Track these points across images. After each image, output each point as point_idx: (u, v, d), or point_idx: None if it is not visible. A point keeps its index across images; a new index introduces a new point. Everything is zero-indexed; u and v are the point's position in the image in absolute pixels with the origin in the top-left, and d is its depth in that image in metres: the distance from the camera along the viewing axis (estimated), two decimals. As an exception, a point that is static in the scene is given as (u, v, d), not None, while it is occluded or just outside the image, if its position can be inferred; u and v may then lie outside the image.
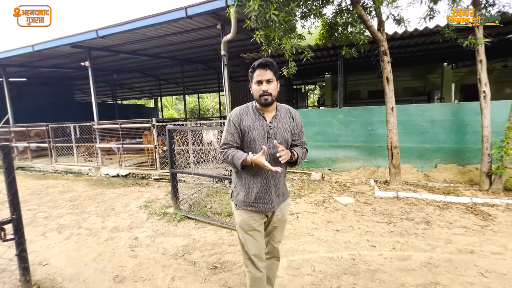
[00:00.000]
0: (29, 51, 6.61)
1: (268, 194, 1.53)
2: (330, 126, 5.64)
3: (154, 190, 5.03)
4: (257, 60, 1.49)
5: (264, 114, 1.52)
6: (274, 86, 1.48)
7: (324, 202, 3.98)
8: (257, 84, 1.47)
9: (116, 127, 6.50)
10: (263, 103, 1.47)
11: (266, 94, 1.44)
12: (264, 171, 1.49)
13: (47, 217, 3.86)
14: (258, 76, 1.46)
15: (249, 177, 1.53)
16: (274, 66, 1.47)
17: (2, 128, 8.77)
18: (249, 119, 1.51)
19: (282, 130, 1.52)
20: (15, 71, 10.51)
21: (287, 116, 1.58)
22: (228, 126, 1.54)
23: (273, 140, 1.47)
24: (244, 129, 1.50)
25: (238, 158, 1.45)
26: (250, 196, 1.53)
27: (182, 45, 8.00)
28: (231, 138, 1.52)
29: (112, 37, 6.13)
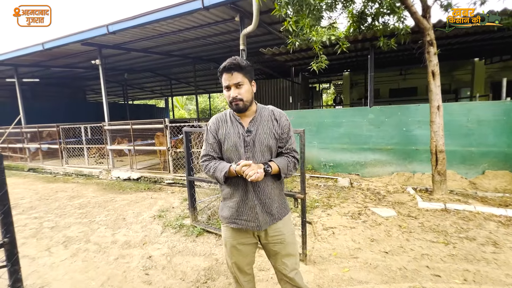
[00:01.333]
0: (39, 50, 6.39)
1: (251, 209, 1.35)
2: (359, 127, 5.12)
3: (167, 197, 4.65)
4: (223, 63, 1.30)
5: (240, 120, 1.37)
6: (245, 89, 1.30)
7: (361, 214, 3.49)
8: (226, 90, 1.33)
9: (128, 128, 6.19)
10: (235, 110, 1.34)
11: (236, 100, 1.29)
12: (244, 182, 1.33)
13: (53, 227, 3.53)
14: (225, 80, 1.31)
15: (229, 190, 1.40)
16: (243, 68, 1.29)
17: (14, 128, 8.65)
18: (225, 127, 1.38)
19: (262, 136, 1.34)
20: (28, 72, 10.44)
21: (270, 118, 1.39)
22: (206, 136, 1.43)
23: (251, 149, 1.33)
24: (221, 138, 1.37)
25: (220, 170, 1.31)
26: (232, 211, 1.39)
27: (195, 42, 7.63)
28: (210, 149, 1.40)
29: (123, 33, 5.81)
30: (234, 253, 1.43)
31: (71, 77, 12.68)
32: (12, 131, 8.73)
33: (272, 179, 1.38)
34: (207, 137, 1.42)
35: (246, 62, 1.32)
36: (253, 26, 4.24)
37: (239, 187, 1.36)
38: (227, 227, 1.44)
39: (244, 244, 1.42)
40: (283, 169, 1.34)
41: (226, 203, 1.43)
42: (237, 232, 1.41)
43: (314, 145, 5.44)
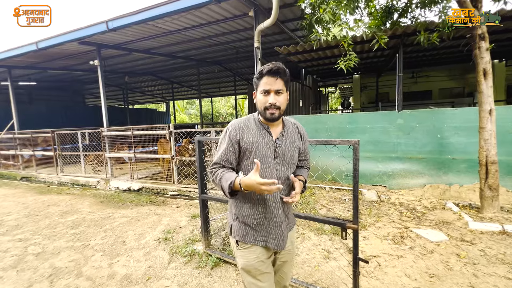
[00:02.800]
0: (33, 49, 5.90)
1: (279, 227, 1.28)
2: (386, 133, 4.61)
3: (173, 213, 4.10)
4: (266, 65, 1.22)
5: (269, 129, 1.28)
6: (283, 99, 1.24)
7: (404, 238, 2.95)
8: (263, 94, 1.23)
9: (128, 134, 5.67)
10: (269, 118, 1.23)
11: (273, 108, 1.21)
12: (271, 196, 1.24)
13: (40, 253, 2.98)
14: (266, 84, 1.21)
15: (251, 206, 1.27)
16: (287, 75, 1.23)
17: (6, 134, 8.12)
18: (251, 135, 1.26)
19: (290, 149, 1.30)
20: (24, 74, 9.95)
21: (295, 132, 1.36)
22: (223, 143, 1.28)
23: (280, 160, 1.26)
24: (246, 147, 1.25)
25: (226, 179, 1.18)
26: (257, 230, 1.27)
27: (200, 42, 7.17)
28: (225, 158, 1.26)
29: (124, 30, 5.33)
30: (266, 278, 1.27)
31: (70, 80, 12.20)
32: (4, 137, 8.20)
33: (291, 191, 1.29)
34: (225, 144, 1.26)
35: (288, 71, 1.23)
36: (272, 19, 3.76)
37: (265, 202, 1.24)
38: (248, 249, 1.27)
39: (267, 265, 1.30)
40: (306, 181, 1.39)
41: (248, 220, 1.28)
42: (261, 251, 1.28)
43: (333, 152, 4.91)
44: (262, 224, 1.26)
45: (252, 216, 1.26)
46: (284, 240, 1.28)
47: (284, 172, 1.26)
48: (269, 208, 1.24)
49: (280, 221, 1.27)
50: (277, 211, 1.26)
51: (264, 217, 1.25)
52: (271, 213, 1.25)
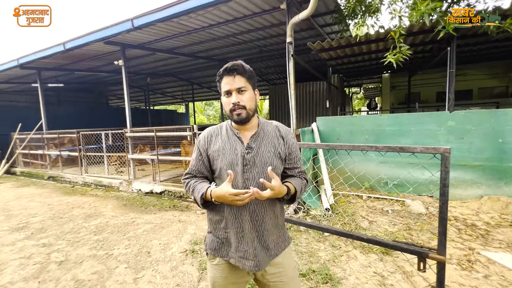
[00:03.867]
0: (60, 50, 5.93)
1: (247, 244, 1.12)
2: (433, 137, 4.10)
3: (198, 220, 3.84)
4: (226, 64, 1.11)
5: (240, 134, 1.15)
6: (248, 97, 1.11)
7: (472, 262, 2.48)
8: (226, 96, 1.11)
9: (151, 135, 5.53)
10: (237, 120, 1.11)
11: (237, 108, 1.09)
12: (237, 209, 1.11)
13: (62, 262, 2.80)
14: (225, 84, 1.10)
15: (218, 217, 1.16)
16: (247, 71, 1.11)
17: (35, 134, 8.34)
18: (218, 142, 1.16)
19: (265, 155, 1.13)
20: (52, 76, 10.25)
21: (275, 135, 1.18)
22: (194, 151, 1.22)
23: (251, 169, 1.11)
24: (213, 155, 1.15)
25: (198, 190, 1.11)
26: (223, 245, 1.16)
27: (223, 41, 6.96)
28: (195, 168, 1.20)
29: (148, 28, 5.19)
30: None
31: (94, 82, 12.49)
32: (34, 137, 8.43)
33: (272, 205, 1.16)
34: (194, 154, 1.23)
35: (249, 67, 1.14)
36: (310, 10, 3.39)
37: (232, 215, 1.13)
38: (222, 264, 1.18)
39: (237, 283, 1.19)
40: (300, 191, 1.17)
41: (218, 234, 1.18)
42: (230, 270, 1.17)
43: (372, 158, 4.46)
44: (235, 240, 1.14)
45: (222, 230, 1.16)
46: (254, 261, 1.11)
47: (256, 183, 1.10)
48: (236, 220, 1.12)
49: (251, 238, 1.12)
50: (246, 224, 1.12)
51: (237, 232, 1.13)
52: (247, 228, 1.12)
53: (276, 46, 8.09)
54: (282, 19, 5.57)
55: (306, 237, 3.12)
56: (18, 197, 5.69)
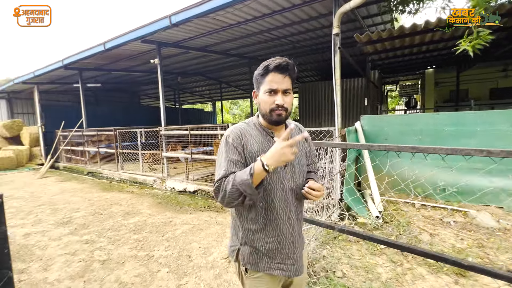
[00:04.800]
0: (101, 50, 6.12)
1: (296, 248, 1.09)
2: (505, 139, 3.54)
3: (236, 223, 3.67)
4: (271, 60, 1.06)
5: (274, 134, 1.10)
6: (290, 100, 1.08)
7: None
8: (268, 94, 1.04)
9: (185, 134, 5.49)
10: (276, 120, 1.06)
11: (280, 109, 1.04)
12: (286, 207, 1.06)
13: (105, 261, 2.77)
14: (272, 82, 1.03)
15: (256, 227, 1.06)
16: (295, 72, 1.07)
17: (77, 131, 8.80)
18: (255, 142, 1.07)
19: (299, 155, 1.14)
20: (91, 77, 10.79)
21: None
22: (227, 152, 1.05)
23: (289, 169, 1.09)
24: (251, 157, 1.04)
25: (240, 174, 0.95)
26: (271, 257, 1.07)
27: (256, 38, 6.79)
28: (234, 169, 1.01)
29: (185, 26, 5.14)
30: None
31: (129, 82, 12.99)
32: (75, 134, 8.90)
33: (302, 204, 1.18)
34: (228, 153, 1.03)
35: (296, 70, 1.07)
36: (366, -5, 3.04)
37: (278, 220, 1.05)
38: (260, 278, 1.07)
39: None
40: None
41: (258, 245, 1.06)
42: (270, 281, 1.09)
43: (427, 162, 3.97)
44: (276, 249, 1.07)
45: (263, 240, 1.07)
46: (302, 264, 1.12)
47: (296, 182, 1.10)
48: (283, 227, 1.07)
49: (296, 240, 1.10)
50: (293, 228, 1.09)
51: (277, 240, 1.07)
52: (286, 233, 1.07)
53: (310, 41, 7.74)
54: (322, 11, 5.23)
55: (358, 249, 2.80)
56: (62, 191, 5.96)
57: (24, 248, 3.15)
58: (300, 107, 11.82)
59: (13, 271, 2.76)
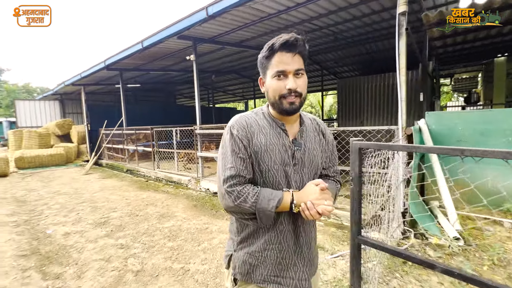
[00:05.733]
0: (139, 49, 6.14)
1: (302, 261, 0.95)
2: None
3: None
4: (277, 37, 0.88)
5: (285, 126, 0.94)
6: (304, 82, 0.90)
7: None
8: (277, 78, 0.87)
9: (219, 133, 5.21)
10: (288, 110, 0.88)
11: (293, 95, 0.87)
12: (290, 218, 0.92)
13: (139, 272, 2.53)
14: (280, 64, 0.86)
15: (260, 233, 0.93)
16: (307, 49, 0.90)
17: (117, 130, 9.13)
18: (263, 134, 0.91)
19: (312, 153, 0.97)
20: (131, 77, 11.20)
21: (316, 130, 1.02)
22: (232, 146, 0.90)
23: (300, 169, 0.93)
24: (256, 150, 0.90)
25: (268, 198, 0.84)
26: (258, 267, 0.93)
27: (294, 29, 6.23)
28: (242, 166, 0.88)
29: (222, 18, 4.84)
30: None
31: (165, 82, 13.31)
32: (116, 132, 9.25)
33: None
34: (234, 148, 0.89)
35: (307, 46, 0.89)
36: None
37: (283, 227, 0.91)
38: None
39: None
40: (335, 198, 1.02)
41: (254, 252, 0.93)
42: None
43: None
44: (275, 259, 0.92)
45: (261, 247, 0.92)
46: (306, 280, 0.94)
47: (304, 184, 0.92)
48: (289, 234, 0.92)
49: (302, 253, 0.94)
50: (298, 237, 0.94)
51: (278, 248, 0.91)
52: (291, 240, 0.92)
53: (354, 31, 7.03)
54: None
55: (440, 282, 2.19)
56: (102, 188, 6.10)
57: (63, 249, 3.08)
58: (339, 105, 11.00)
59: (49, 275, 2.69)
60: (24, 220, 4.13)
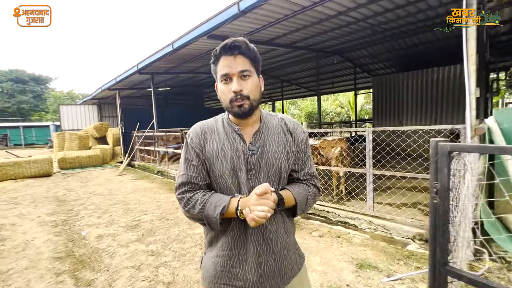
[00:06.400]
0: (169, 51, 6.16)
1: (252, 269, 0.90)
2: None
3: (320, 249, 2.88)
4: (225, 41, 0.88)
5: (241, 131, 0.92)
6: (253, 84, 0.88)
7: None
8: (224, 82, 0.88)
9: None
10: (237, 113, 0.88)
11: (240, 98, 0.86)
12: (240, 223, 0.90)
13: (169, 284, 2.35)
14: (223, 67, 0.87)
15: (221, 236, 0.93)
16: (251, 50, 0.89)
17: (148, 132, 9.35)
18: (216, 140, 0.93)
19: (272, 156, 0.92)
20: (162, 81, 11.49)
21: (282, 130, 0.97)
22: (185, 154, 0.95)
23: (257, 174, 0.90)
24: (209, 157, 0.91)
25: (214, 205, 0.86)
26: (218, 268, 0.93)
27: (328, 23, 5.91)
28: (194, 173, 0.92)
29: (253, 13, 4.61)
30: None
31: (193, 84, 13.52)
32: (147, 134, 9.49)
33: (283, 218, 0.95)
34: (187, 155, 0.93)
35: (253, 46, 0.90)
36: None
37: (234, 233, 0.90)
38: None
39: None
40: (300, 202, 0.92)
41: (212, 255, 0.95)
42: None
43: None
44: (224, 265, 0.91)
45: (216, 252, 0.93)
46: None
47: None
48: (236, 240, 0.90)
49: (257, 262, 0.89)
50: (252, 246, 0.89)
51: (228, 255, 0.90)
52: (239, 247, 0.90)
53: (394, 23, 6.47)
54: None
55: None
56: (134, 190, 6.18)
57: (95, 253, 3.02)
58: (374, 105, 10.26)
59: (81, 281, 2.63)
60: (62, 220, 4.23)
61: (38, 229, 3.79)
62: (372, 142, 3.40)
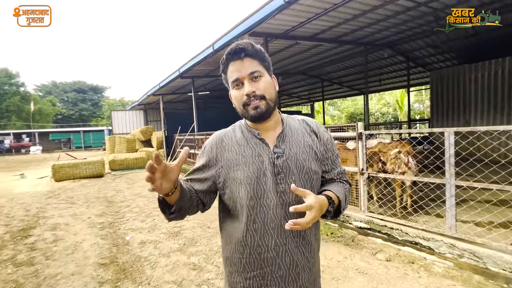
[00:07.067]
0: (210, 52, 6.08)
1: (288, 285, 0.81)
2: None
3: (384, 273, 2.35)
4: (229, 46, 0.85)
5: (261, 135, 0.86)
6: (265, 83, 0.83)
7: None
8: (236, 87, 0.84)
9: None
10: (254, 116, 0.82)
11: (254, 99, 0.81)
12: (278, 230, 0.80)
13: (213, 309, 2.06)
14: (233, 72, 0.83)
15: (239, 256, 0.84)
16: (258, 51, 0.84)
17: (189, 136, 9.51)
18: (234, 147, 0.87)
19: (301, 157, 0.85)
20: (201, 85, 11.71)
21: (305, 131, 0.91)
22: (198, 158, 0.94)
23: (286, 178, 0.82)
24: (228, 165, 0.85)
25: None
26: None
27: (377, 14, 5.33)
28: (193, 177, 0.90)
29: (298, 4, 4.20)
30: None
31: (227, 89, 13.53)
32: (188, 137, 9.67)
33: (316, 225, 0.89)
34: (198, 161, 0.92)
35: (260, 47, 0.85)
36: None
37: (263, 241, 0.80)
38: None
39: None
40: (345, 200, 0.88)
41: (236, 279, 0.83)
42: None
43: None
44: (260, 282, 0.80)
45: (241, 275, 0.82)
46: None
47: (294, 195, 0.79)
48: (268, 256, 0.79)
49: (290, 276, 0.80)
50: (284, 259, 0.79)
51: (260, 275, 0.80)
52: (272, 264, 0.79)
53: (464, 4, 5.43)
54: None
55: None
56: (176, 193, 6.19)
57: (138, 261, 2.91)
58: (433, 102, 9.01)
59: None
60: (109, 222, 4.31)
61: (88, 231, 3.88)
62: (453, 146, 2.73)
